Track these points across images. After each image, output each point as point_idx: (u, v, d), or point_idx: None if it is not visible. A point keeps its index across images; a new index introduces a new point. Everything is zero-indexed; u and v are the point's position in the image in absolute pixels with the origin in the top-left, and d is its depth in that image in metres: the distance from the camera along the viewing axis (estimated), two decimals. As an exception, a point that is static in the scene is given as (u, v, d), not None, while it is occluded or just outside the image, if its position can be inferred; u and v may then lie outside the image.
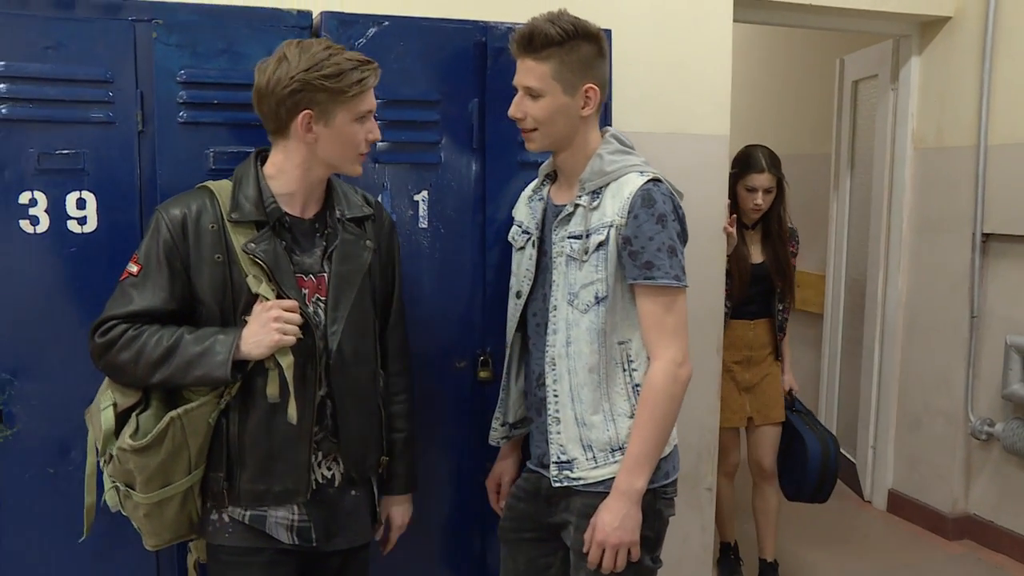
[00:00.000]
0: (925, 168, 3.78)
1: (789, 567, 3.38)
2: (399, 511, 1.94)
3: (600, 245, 1.74)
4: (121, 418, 1.61)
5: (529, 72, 1.74)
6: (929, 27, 3.72)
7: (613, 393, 1.77)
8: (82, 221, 1.89)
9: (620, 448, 1.76)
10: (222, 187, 1.68)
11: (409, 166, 2.09)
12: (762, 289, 3.13)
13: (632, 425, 1.74)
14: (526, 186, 2.00)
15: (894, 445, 3.97)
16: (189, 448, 1.62)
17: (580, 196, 1.78)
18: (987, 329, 3.57)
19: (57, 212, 1.87)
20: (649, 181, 1.74)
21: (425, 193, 2.09)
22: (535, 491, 1.89)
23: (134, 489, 1.62)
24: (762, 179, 3.04)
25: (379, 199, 2.06)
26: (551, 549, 1.91)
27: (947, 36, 3.65)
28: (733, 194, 3.10)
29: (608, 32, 2.24)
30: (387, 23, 2.04)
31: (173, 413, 1.59)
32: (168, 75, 1.90)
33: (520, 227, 1.93)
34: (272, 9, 1.99)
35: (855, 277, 4.33)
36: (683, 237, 1.80)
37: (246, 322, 1.62)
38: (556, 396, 1.79)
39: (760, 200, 3.05)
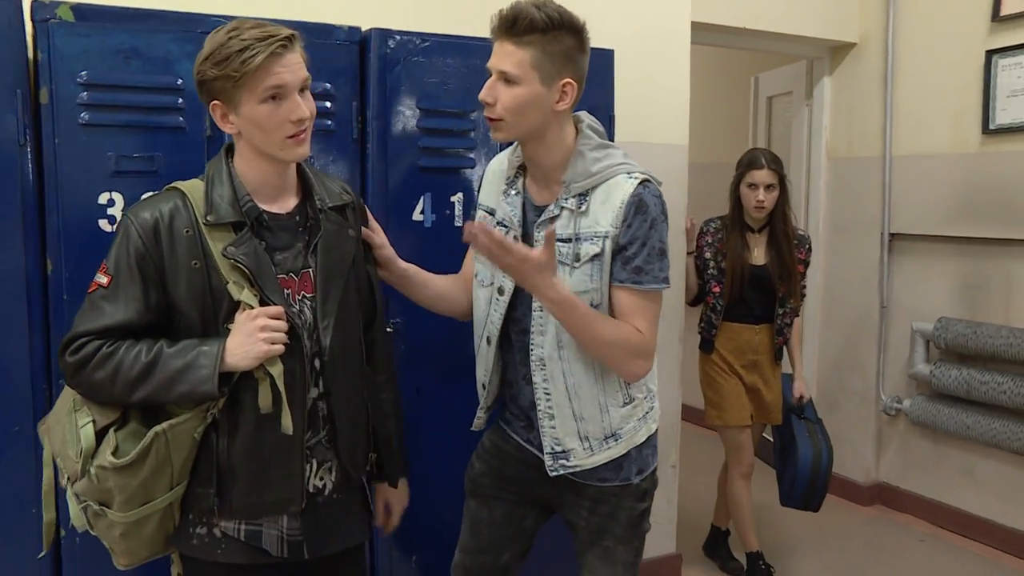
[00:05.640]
0: (838, 176, 4.26)
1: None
2: (398, 496, 1.92)
3: (595, 256, 1.70)
4: (99, 435, 1.50)
5: (507, 56, 1.64)
6: (838, 51, 4.19)
7: (608, 386, 1.78)
8: (155, 220, 1.98)
9: (613, 435, 1.79)
10: (194, 187, 1.58)
11: (448, 170, 2.29)
12: (764, 293, 3.18)
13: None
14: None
15: (814, 425, 4.40)
16: (172, 464, 1.52)
17: (566, 199, 1.72)
18: (894, 318, 4.05)
19: (132, 212, 1.96)
20: (639, 184, 1.70)
21: (460, 195, 2.30)
22: (535, 468, 1.86)
23: (109, 508, 1.51)
24: (763, 175, 3.09)
25: (421, 200, 2.26)
26: (529, 505, 1.94)
27: (854, 59, 4.13)
28: (736, 196, 3.18)
29: (611, 52, 2.54)
30: (429, 41, 2.24)
31: (157, 428, 1.49)
32: (234, 84, 2.03)
33: (491, 216, 1.85)
34: (324, 24, 2.13)
35: (773, 274, 4.76)
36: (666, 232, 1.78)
37: (229, 331, 1.52)
38: (548, 394, 1.78)
39: (762, 196, 3.09)
